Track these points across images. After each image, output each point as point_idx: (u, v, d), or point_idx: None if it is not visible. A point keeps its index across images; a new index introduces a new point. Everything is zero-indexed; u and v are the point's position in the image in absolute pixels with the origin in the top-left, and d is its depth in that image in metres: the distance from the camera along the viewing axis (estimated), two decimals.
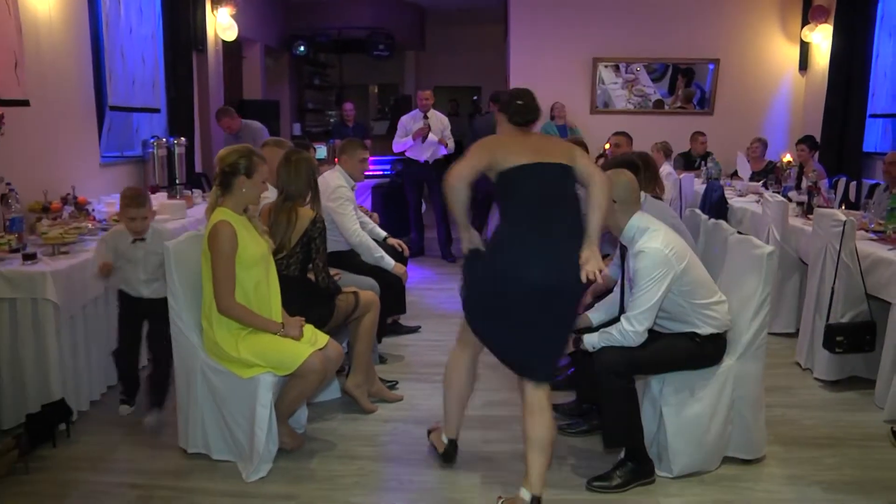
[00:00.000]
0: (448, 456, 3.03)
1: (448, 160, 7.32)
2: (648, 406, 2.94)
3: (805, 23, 8.24)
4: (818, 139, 6.99)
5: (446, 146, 6.86)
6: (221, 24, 7.09)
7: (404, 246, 4.63)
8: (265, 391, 2.81)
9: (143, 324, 3.39)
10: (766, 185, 6.49)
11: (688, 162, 7.66)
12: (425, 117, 6.76)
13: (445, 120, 6.99)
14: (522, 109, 2.77)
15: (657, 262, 2.69)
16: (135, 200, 3.23)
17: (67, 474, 2.90)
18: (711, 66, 8.63)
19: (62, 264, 3.27)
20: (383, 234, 4.63)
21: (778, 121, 8.72)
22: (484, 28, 12.18)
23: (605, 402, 2.82)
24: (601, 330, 2.82)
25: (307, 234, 3.25)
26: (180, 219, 4.65)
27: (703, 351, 2.86)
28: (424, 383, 3.91)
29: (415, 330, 4.80)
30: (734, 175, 7.34)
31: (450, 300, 5.63)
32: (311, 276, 3.35)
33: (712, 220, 3.76)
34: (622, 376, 2.75)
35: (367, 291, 3.57)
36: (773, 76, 8.66)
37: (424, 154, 6.81)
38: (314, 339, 2.96)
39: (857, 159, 7.17)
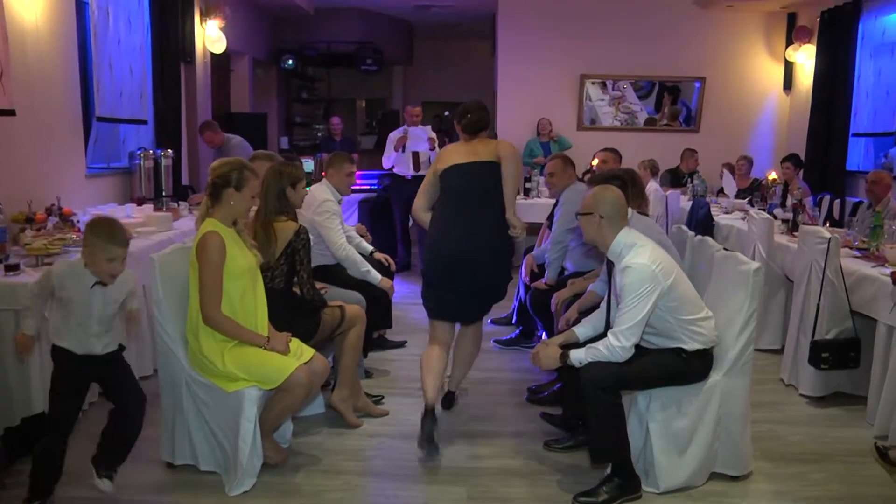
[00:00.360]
0: (427, 428, 3.14)
1: None
2: (635, 421, 2.94)
3: (789, 43, 8.38)
4: (802, 157, 7.08)
5: (433, 146, 6.88)
6: (210, 37, 7.08)
7: (391, 261, 4.62)
8: (249, 405, 2.78)
9: (87, 390, 2.72)
10: (751, 203, 6.55)
11: (675, 179, 7.72)
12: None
13: (429, 129, 7.04)
14: (470, 121, 3.43)
15: (644, 278, 2.70)
16: (116, 238, 2.53)
17: None
18: (697, 85, 8.73)
19: None
20: (370, 248, 4.62)
21: (762, 139, 8.83)
22: (471, 43, 12.27)
23: (591, 418, 2.81)
24: (588, 345, 2.82)
25: (291, 246, 3.23)
26: (166, 231, 4.62)
27: (690, 367, 2.87)
28: (410, 398, 3.88)
29: (401, 345, 4.78)
30: (720, 192, 7.40)
31: None
32: (296, 289, 3.33)
33: (698, 237, 3.78)
34: (609, 391, 2.75)
35: (353, 305, 3.55)
36: (758, 95, 8.78)
37: (412, 168, 6.82)
38: (300, 353, 2.94)
39: (841, 177, 7.26)
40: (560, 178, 4.40)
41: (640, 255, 2.74)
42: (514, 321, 5.12)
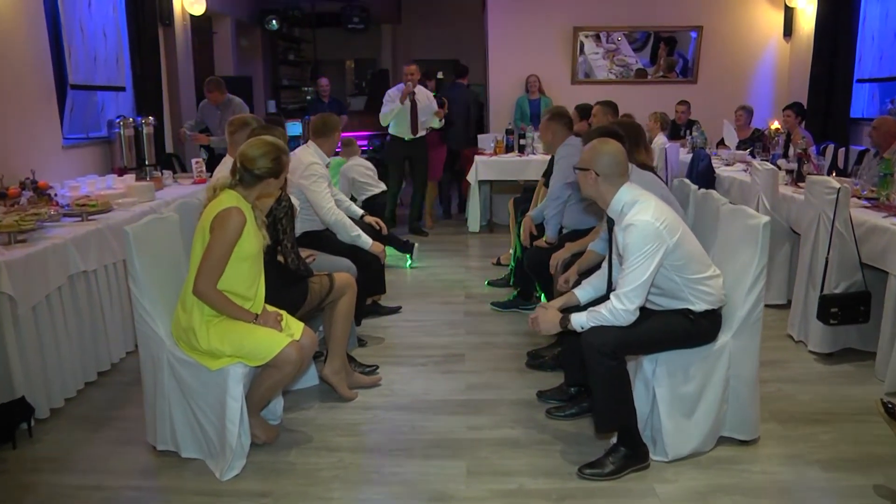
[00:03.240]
0: None
1: (439, 134, 7.11)
2: (641, 387, 2.80)
3: None
4: (804, 106, 6.86)
5: (441, 117, 6.71)
6: None
7: (382, 224, 4.46)
8: (235, 383, 2.64)
9: None
10: (752, 154, 6.36)
11: (673, 131, 7.51)
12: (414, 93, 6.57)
13: (431, 95, 6.80)
14: None
15: (648, 236, 2.54)
16: None
17: (26, 476, 2.72)
18: (694, 35, 8.46)
19: (18, 253, 3.05)
20: (360, 211, 4.47)
21: (762, 88, 8.58)
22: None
23: (595, 385, 2.67)
24: (589, 309, 2.67)
25: (272, 215, 3.06)
26: (148, 201, 4.44)
27: (698, 328, 2.72)
28: (405, 366, 3.77)
29: (396, 310, 4.64)
30: (720, 144, 7.21)
31: (431, 278, 5.48)
32: (281, 259, 3.17)
33: (702, 191, 3.61)
34: (613, 357, 2.60)
35: (343, 273, 3.39)
36: (757, 43, 8.51)
37: (409, 130, 6.60)
38: (289, 327, 2.79)
39: (844, 125, 7.06)
40: (552, 137, 4.22)
41: (643, 212, 2.57)
42: (511, 283, 4.98)
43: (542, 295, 4.48)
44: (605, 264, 2.95)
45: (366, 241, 3.94)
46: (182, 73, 6.81)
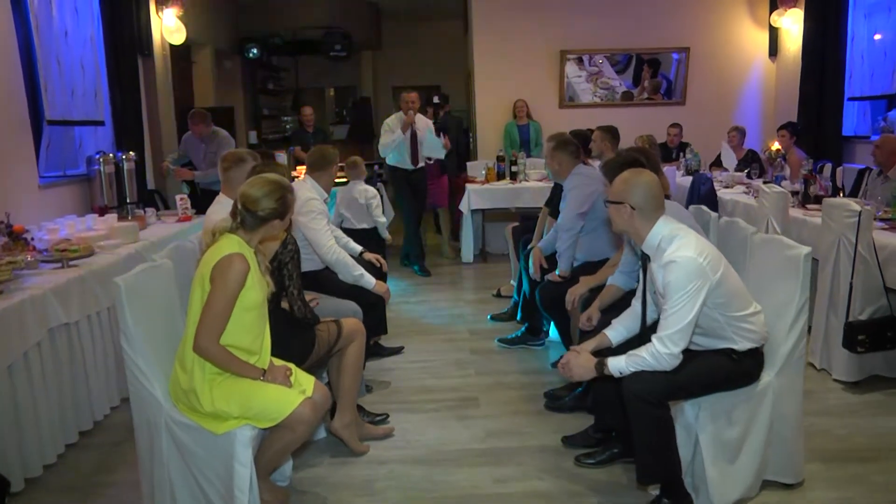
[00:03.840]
0: None
1: (438, 163, 6.88)
2: (682, 433, 2.59)
3: (773, 8, 8.10)
4: (798, 125, 6.80)
5: (447, 147, 6.48)
6: (168, 27, 6.57)
7: (382, 261, 4.22)
8: (243, 448, 2.38)
9: None
10: (750, 175, 6.27)
11: (664, 154, 7.40)
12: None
13: (430, 123, 6.54)
14: None
15: (691, 274, 2.35)
16: None
17: None
18: (675, 56, 8.41)
19: None
20: (358, 248, 4.22)
21: (750, 108, 8.56)
22: (442, 24, 11.81)
23: (639, 435, 2.46)
24: (628, 353, 2.47)
25: (277, 259, 2.83)
26: (132, 242, 4.18)
27: (742, 368, 2.54)
28: (416, 413, 3.53)
29: (398, 351, 4.40)
30: (713, 165, 7.12)
31: (431, 312, 5.26)
32: (285, 305, 2.93)
33: (725, 218, 3.44)
34: (658, 405, 2.40)
35: (350, 319, 3.16)
36: (744, 63, 8.50)
37: (410, 160, 6.37)
38: (299, 383, 2.55)
39: (837, 144, 7.01)
40: (559, 167, 4.01)
41: (685, 248, 2.39)
42: (517, 318, 4.76)
43: (554, 329, 4.28)
44: (635, 302, 2.76)
45: (369, 280, 3.71)
46: (163, 105, 6.57)
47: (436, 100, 7.98)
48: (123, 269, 3.68)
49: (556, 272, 3.86)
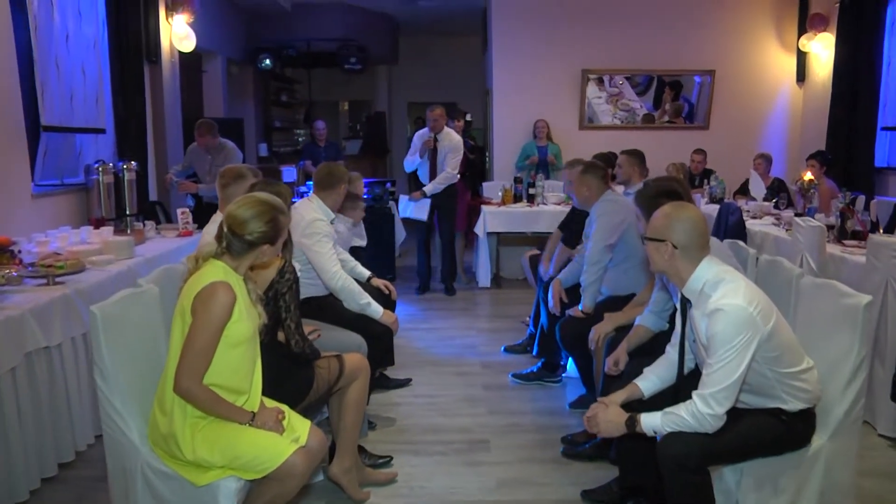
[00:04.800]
0: None
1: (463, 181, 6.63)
2: (722, 501, 2.31)
3: (802, 32, 7.84)
4: (828, 155, 6.51)
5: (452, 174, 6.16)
6: (177, 34, 6.37)
7: (391, 287, 3.92)
8: (227, 501, 2.12)
9: None
10: (777, 206, 5.98)
11: (689, 181, 7.13)
12: (435, 139, 6.08)
13: (457, 142, 6.17)
14: None
15: (740, 325, 2.07)
16: None
17: None
18: (698, 79, 8.16)
19: None
20: (367, 273, 3.93)
21: (775, 135, 8.28)
22: (460, 40, 11.62)
23: (672, 501, 2.17)
24: (665, 411, 2.18)
25: (273, 289, 2.56)
26: (126, 258, 3.93)
27: (791, 431, 2.25)
28: (422, 456, 3.24)
29: (405, 384, 4.12)
30: (737, 193, 6.83)
31: (440, 342, 4.97)
32: (281, 337, 2.66)
33: (766, 257, 3.16)
34: (697, 471, 2.12)
35: (354, 354, 2.88)
36: (770, 88, 8.23)
37: (429, 178, 6.13)
38: (293, 428, 2.27)
39: (869, 175, 6.71)
40: (589, 192, 3.73)
41: (733, 294, 2.10)
42: (534, 353, 4.48)
43: (571, 363, 3.99)
44: (671, 349, 2.47)
45: (376, 309, 3.43)
46: (169, 114, 6.35)
47: (468, 117, 7.74)
48: (113, 288, 3.43)
49: (580, 307, 3.58)
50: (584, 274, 3.59)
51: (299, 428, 2.30)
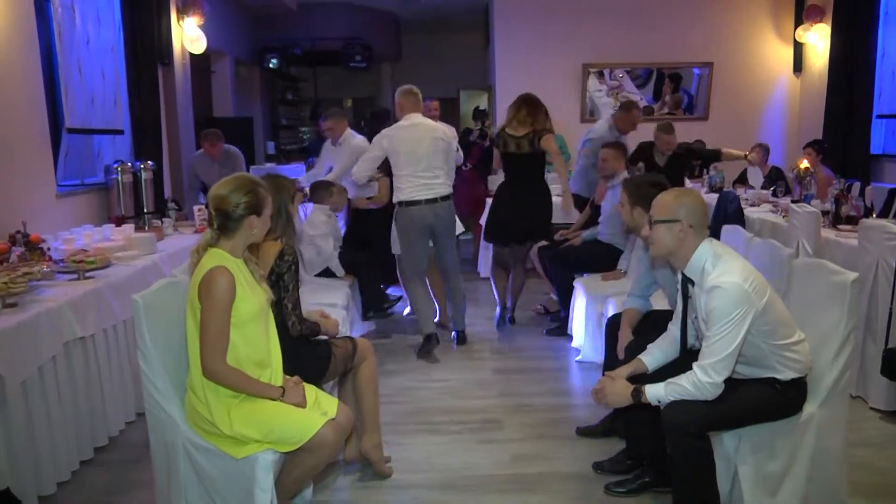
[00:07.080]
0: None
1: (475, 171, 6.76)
2: (721, 465, 2.48)
3: (798, 23, 7.98)
4: (824, 143, 6.66)
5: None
6: (188, 36, 6.53)
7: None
8: (265, 473, 2.29)
9: None
10: (775, 194, 6.13)
11: (688, 171, 7.26)
12: None
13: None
14: None
15: (736, 300, 2.24)
16: None
17: None
18: (696, 71, 8.31)
19: (8, 322, 2.69)
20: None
21: (774, 125, 8.43)
22: (462, 36, 11.76)
23: (678, 467, 2.35)
24: (668, 381, 2.36)
25: (273, 273, 2.74)
26: (149, 253, 4.11)
27: (785, 399, 2.42)
28: (440, 435, 3.42)
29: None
30: (736, 182, 6.98)
31: (448, 330, 5.13)
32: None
33: (760, 240, 3.33)
34: (699, 437, 2.29)
35: (361, 339, 3.10)
36: (767, 79, 8.38)
37: None
38: (321, 404, 2.45)
39: (865, 162, 6.86)
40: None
41: (730, 272, 2.28)
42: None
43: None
44: (672, 326, 2.65)
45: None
46: (182, 114, 6.52)
47: (480, 107, 7.87)
48: (140, 281, 3.65)
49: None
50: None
51: (327, 404, 2.48)
